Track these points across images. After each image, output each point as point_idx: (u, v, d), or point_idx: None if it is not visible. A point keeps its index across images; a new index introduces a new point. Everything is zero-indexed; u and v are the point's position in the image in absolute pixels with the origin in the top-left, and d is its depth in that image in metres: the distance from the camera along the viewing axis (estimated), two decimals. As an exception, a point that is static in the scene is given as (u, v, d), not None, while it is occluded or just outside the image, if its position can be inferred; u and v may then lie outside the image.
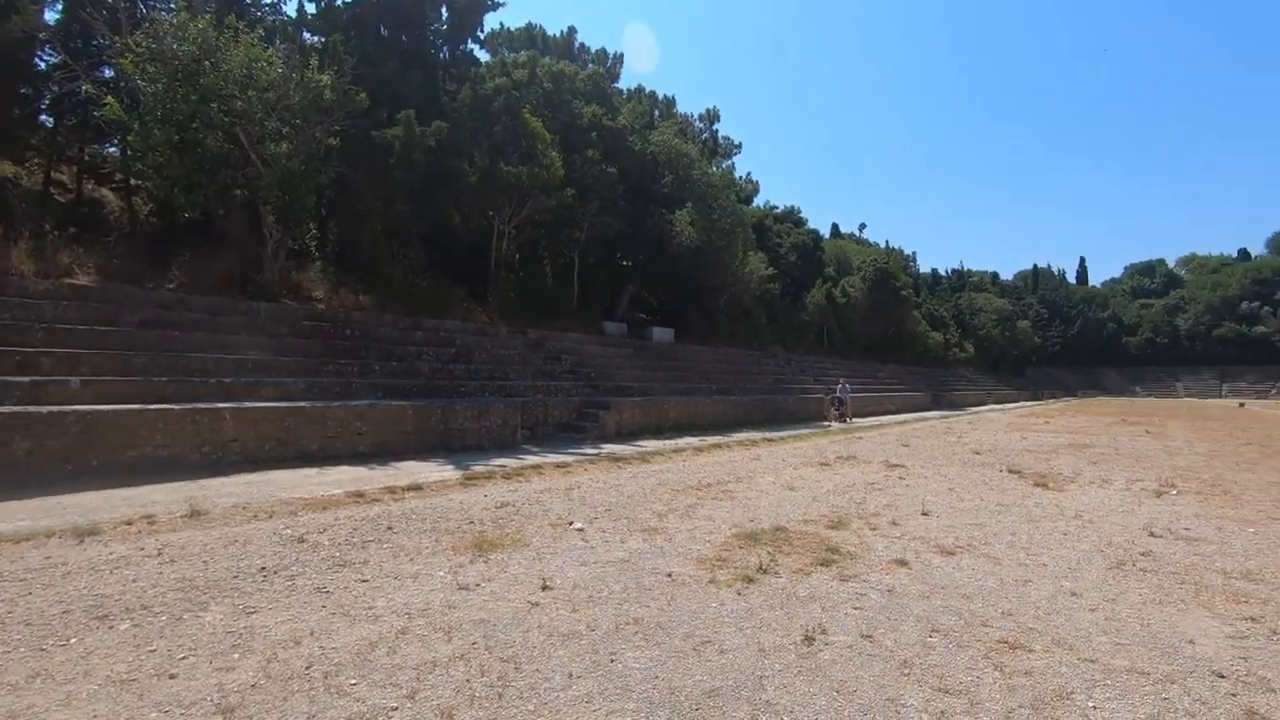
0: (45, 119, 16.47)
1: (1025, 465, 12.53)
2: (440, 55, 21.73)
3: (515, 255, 24.14)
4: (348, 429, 11.29)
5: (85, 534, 5.78)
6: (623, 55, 40.30)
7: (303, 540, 5.87)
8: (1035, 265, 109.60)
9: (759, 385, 27.53)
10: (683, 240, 27.24)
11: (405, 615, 4.16)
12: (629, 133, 27.41)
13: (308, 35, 19.02)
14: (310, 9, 19.38)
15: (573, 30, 39.04)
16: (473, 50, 23.11)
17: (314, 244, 19.33)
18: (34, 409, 8.22)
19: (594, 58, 38.92)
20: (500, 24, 38.27)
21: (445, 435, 12.72)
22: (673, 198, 28.17)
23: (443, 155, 18.57)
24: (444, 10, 21.31)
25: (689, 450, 14.00)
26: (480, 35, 23.32)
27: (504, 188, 19.69)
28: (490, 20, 26.86)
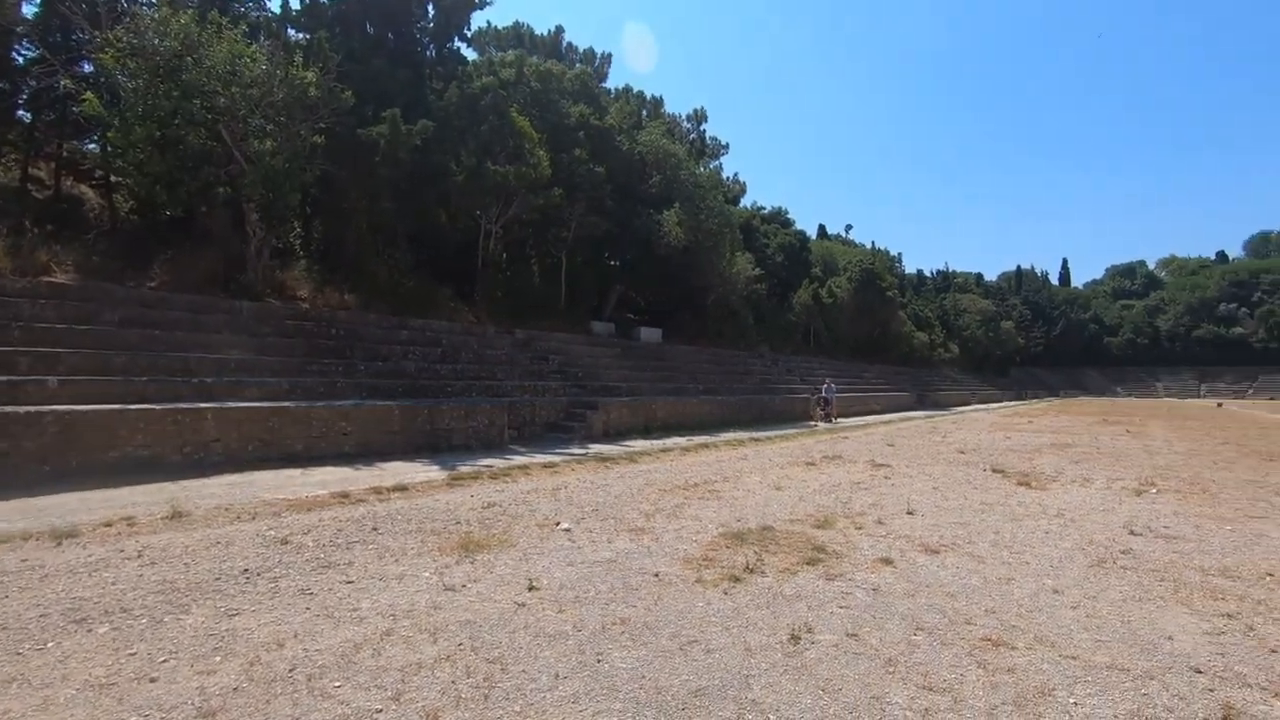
0: (22, 114, 16.19)
1: (1009, 464, 12.66)
2: (427, 53, 21.62)
3: (502, 255, 24.06)
4: (332, 429, 11.19)
5: (63, 536, 5.69)
6: (610, 55, 40.36)
7: (286, 541, 5.81)
8: (1019, 266, 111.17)
9: (746, 385, 27.62)
10: (670, 240, 27.27)
11: (390, 617, 4.13)
12: (617, 132, 27.41)
13: (292, 32, 18.85)
14: (295, 5, 19.24)
15: (560, 30, 39.02)
16: (460, 49, 23.03)
17: (298, 242, 19.13)
18: (10, 409, 8.07)
19: (582, 57, 38.90)
20: (487, 22, 38.25)
21: (431, 435, 12.65)
22: (660, 198, 28.18)
23: (429, 154, 18.48)
24: (430, 8, 21.20)
25: (676, 450, 14.01)
26: (467, 34, 23.22)
27: (491, 187, 19.62)
28: (477, 19, 26.78)
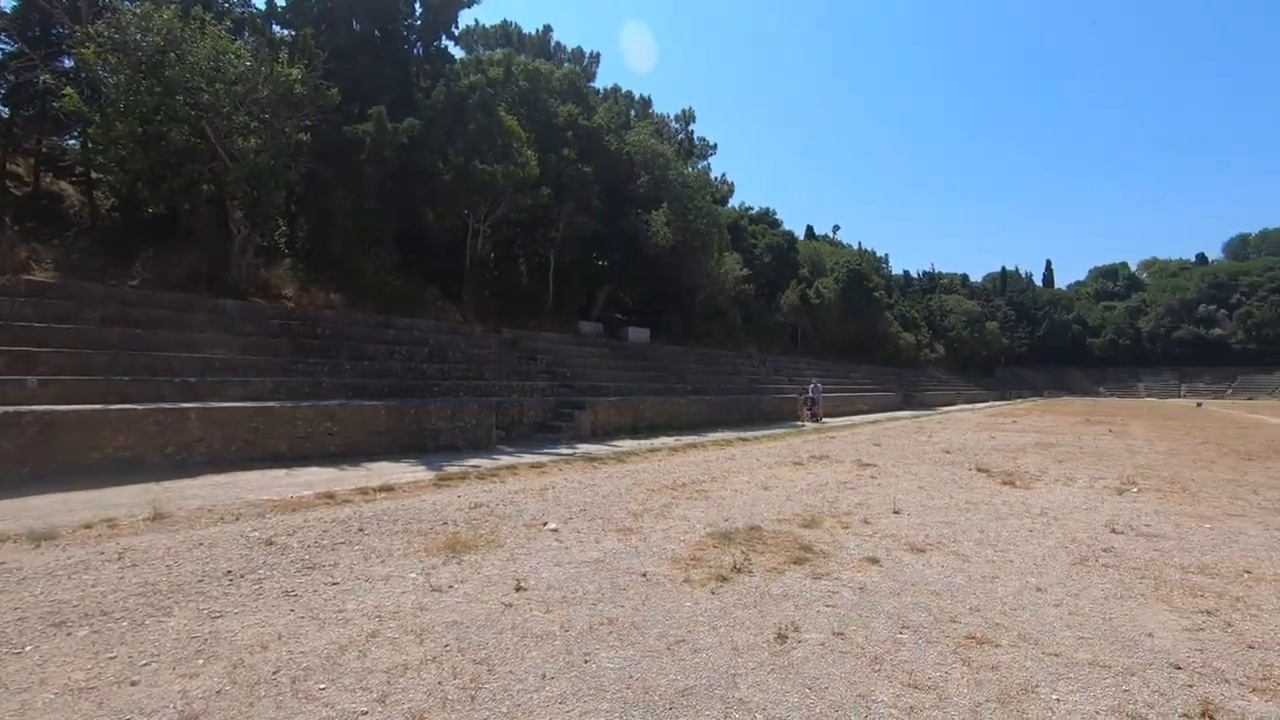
0: (0, 109, 15.91)
1: (993, 464, 12.78)
2: (414, 51, 21.46)
3: (490, 254, 23.97)
4: (318, 429, 11.09)
5: (42, 538, 5.59)
6: (599, 55, 40.34)
7: (270, 543, 5.75)
8: (1004, 268, 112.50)
9: (734, 385, 27.70)
10: (658, 240, 27.27)
11: (376, 618, 4.10)
12: (605, 132, 27.37)
13: (277, 28, 18.65)
14: (280, 1, 19.01)
15: (548, 29, 38.95)
16: (447, 47, 22.85)
17: (283, 241, 18.93)
18: (-13, 409, 7.94)
19: (570, 57, 38.86)
20: (475, 20, 38.01)
21: (418, 435, 12.57)
22: (649, 198, 28.17)
23: (416, 152, 18.35)
24: (418, 6, 21.04)
25: (664, 450, 14.02)
26: (455, 32, 23.03)
27: (479, 186, 19.53)
28: (465, 17, 26.51)
